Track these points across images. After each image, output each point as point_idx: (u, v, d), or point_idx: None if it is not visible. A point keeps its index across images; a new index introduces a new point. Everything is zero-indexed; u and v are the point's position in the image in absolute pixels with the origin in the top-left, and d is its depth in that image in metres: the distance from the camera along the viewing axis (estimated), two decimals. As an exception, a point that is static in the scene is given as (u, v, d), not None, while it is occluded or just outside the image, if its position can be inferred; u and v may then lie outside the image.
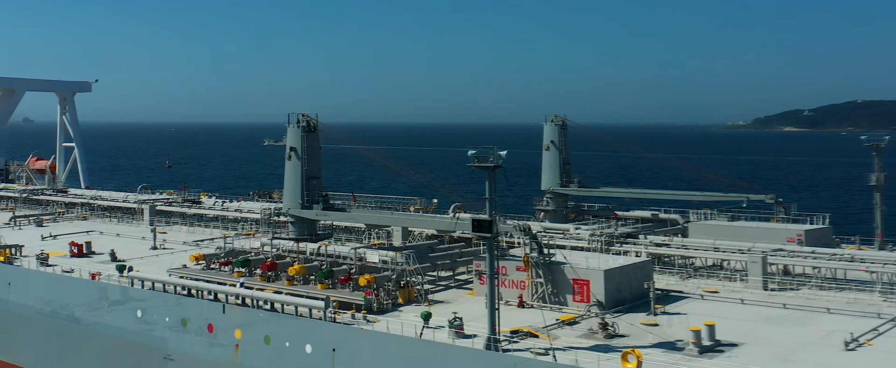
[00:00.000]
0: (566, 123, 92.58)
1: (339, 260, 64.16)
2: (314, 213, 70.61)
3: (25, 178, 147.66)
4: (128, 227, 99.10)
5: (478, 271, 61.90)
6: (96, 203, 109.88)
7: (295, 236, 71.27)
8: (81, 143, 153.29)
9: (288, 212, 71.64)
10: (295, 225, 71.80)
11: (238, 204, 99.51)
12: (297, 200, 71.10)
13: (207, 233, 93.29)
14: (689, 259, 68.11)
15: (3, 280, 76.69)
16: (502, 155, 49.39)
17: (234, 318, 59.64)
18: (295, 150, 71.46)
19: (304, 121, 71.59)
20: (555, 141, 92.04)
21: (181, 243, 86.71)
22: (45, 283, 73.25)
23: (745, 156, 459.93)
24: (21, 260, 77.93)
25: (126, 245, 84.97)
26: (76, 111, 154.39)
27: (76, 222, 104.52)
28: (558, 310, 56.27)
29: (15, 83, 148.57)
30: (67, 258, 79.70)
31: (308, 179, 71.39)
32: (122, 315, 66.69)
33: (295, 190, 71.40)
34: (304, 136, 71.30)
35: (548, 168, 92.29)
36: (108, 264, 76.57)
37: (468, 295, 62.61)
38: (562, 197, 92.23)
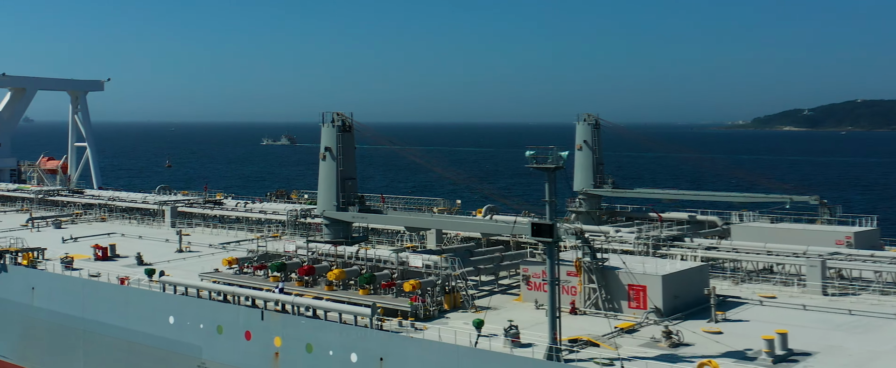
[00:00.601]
0: (599, 122, 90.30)
1: (379, 265, 61.88)
2: (350, 215, 68.15)
3: (37, 179, 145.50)
4: (149, 229, 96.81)
5: (525, 275, 59.66)
6: (115, 204, 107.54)
7: (330, 239, 68.90)
8: (94, 143, 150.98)
9: (323, 215, 69.23)
10: (329, 227, 69.39)
11: (262, 206, 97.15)
12: (333, 202, 68.66)
13: (232, 236, 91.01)
14: (739, 262, 65.86)
15: (25, 284, 74.35)
16: (563, 155, 47.15)
17: (273, 325, 57.38)
18: (329, 150, 68.95)
19: (339, 120, 69.15)
20: (588, 140, 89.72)
21: (207, 246, 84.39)
22: (70, 288, 70.91)
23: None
24: (44, 263, 75.60)
25: (150, 247, 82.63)
26: (88, 110, 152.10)
27: (95, 224, 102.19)
28: (613, 317, 54.00)
29: (26, 82, 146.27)
30: (91, 261, 77.42)
31: (343, 180, 68.91)
32: (153, 322, 64.38)
33: (330, 192, 68.92)
34: (340, 136, 68.81)
35: (580, 168, 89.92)
36: (134, 268, 74.35)
37: (515, 300, 60.35)
38: (595, 199, 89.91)
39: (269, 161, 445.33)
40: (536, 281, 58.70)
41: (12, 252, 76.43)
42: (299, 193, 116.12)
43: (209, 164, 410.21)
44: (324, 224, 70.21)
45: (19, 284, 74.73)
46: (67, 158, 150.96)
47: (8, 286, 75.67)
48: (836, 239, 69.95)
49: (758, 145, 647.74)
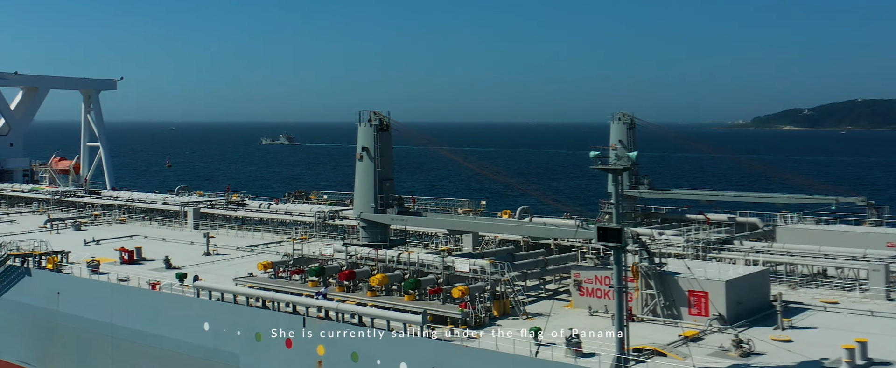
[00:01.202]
0: (634, 121, 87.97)
1: (422, 269, 59.58)
2: (389, 218, 66.00)
3: (48, 179, 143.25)
4: (172, 231, 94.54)
5: (577, 280, 57.38)
6: (134, 205, 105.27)
7: (367, 242, 66.70)
8: (107, 143, 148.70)
9: (360, 217, 67.02)
10: (367, 230, 67.18)
11: (286, 207, 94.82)
12: (370, 204, 66.49)
13: (258, 238, 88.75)
14: (794, 266, 63.59)
15: (50, 289, 72.08)
16: (632, 156, 44.87)
17: (316, 332, 55.10)
18: (367, 150, 66.81)
19: (376, 119, 66.97)
20: (623, 140, 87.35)
21: (234, 248, 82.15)
22: (98, 293, 68.63)
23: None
24: (69, 267, 73.30)
25: (176, 250, 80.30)
26: (101, 110, 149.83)
27: (115, 225, 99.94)
28: (674, 325, 51.76)
29: (39, 81, 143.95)
30: (117, 265, 75.14)
31: (381, 181, 66.78)
32: (187, 328, 62.12)
33: (367, 193, 66.78)
34: (377, 135, 66.67)
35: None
36: (163, 271, 72.12)
37: (566, 307, 58.07)
38: (630, 200, 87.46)
39: (268, 160, 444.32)
40: (589, 286, 56.45)
41: (36, 255, 74.09)
42: (318, 194, 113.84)
43: (210, 164, 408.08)
44: (360, 226, 68.09)
45: (44, 289, 72.47)
46: (80, 158, 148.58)
47: (32, 290, 73.40)
48: (887, 241, 67.66)
49: (758, 145, 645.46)
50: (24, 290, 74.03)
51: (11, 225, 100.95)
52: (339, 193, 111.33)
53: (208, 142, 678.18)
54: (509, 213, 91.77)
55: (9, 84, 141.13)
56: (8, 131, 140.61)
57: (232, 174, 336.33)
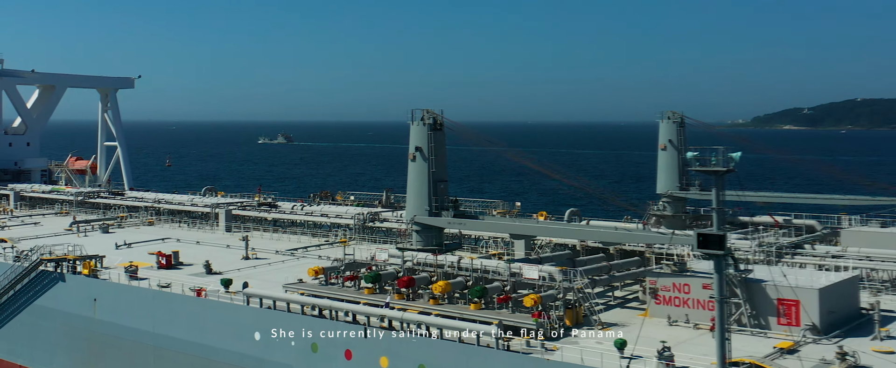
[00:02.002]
0: (684, 120, 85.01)
1: (486, 276, 56.52)
2: (445, 221, 63.02)
3: (65, 179, 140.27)
4: (204, 234, 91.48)
5: (652, 288, 54.37)
6: (162, 206, 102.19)
7: (420, 246, 63.72)
8: (125, 142, 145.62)
9: (413, 220, 64.02)
10: (421, 234, 64.19)
11: (322, 208, 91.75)
12: (425, 206, 63.49)
13: (295, 240, 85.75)
14: (873, 271, 60.62)
15: (86, 295, 69.05)
16: (735, 157, 41.90)
17: (378, 343, 52.08)
18: (420, 150, 63.84)
19: (429, 117, 64.01)
20: (672, 140, 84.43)
21: (273, 252, 79.12)
22: (138, 300, 65.58)
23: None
24: (105, 272, 70.24)
25: (213, 255, 77.34)
26: (119, 108, 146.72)
27: (143, 228, 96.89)
28: (762, 335, 48.80)
29: (56, 79, 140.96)
30: (154, 270, 72.12)
31: (435, 183, 63.80)
32: (236, 338, 59.07)
33: (421, 195, 63.79)
34: (431, 135, 63.69)
35: (664, 169, 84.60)
36: (203, 277, 69.19)
37: (640, 315, 55.08)
38: (680, 202, 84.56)
39: (267, 160, 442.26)
40: (666, 294, 53.46)
41: (70, 260, 71.05)
42: (345, 194, 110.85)
43: (211, 163, 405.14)
44: (414, 230, 65.11)
45: (79, 295, 69.46)
46: (97, 158, 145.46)
47: (67, 297, 70.39)
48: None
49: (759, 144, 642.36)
50: (58, 297, 71.01)
51: (36, 227, 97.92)
52: (366, 194, 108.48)
53: (207, 142, 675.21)
54: (546, 215, 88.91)
55: (25, 82, 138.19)
56: (25, 130, 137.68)
57: (232, 174, 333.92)
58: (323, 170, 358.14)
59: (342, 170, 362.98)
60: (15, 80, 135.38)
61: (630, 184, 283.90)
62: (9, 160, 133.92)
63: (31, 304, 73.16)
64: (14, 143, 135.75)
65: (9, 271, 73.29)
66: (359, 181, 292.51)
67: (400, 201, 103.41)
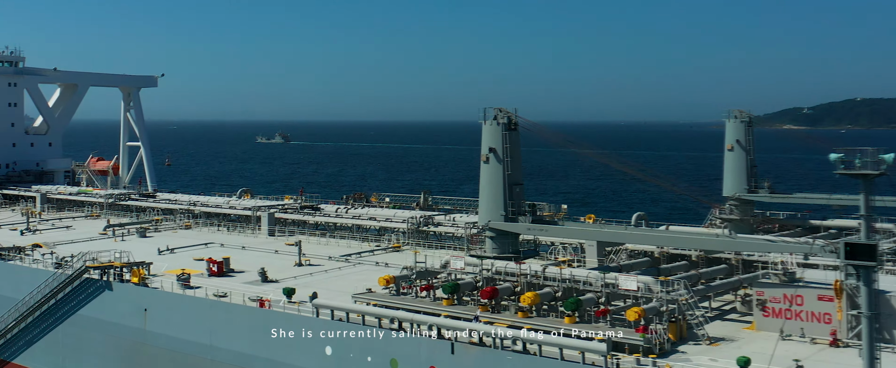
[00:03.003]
0: (752, 120, 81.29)
1: (576, 286, 52.69)
2: (524, 227, 59.20)
3: (86, 180, 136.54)
4: (246, 238, 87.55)
5: (760, 300, 50.57)
6: (199, 209, 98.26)
7: (495, 253, 59.95)
8: (148, 142, 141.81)
9: (487, 226, 60.21)
10: (495, 240, 60.38)
11: (370, 211, 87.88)
12: (500, 211, 59.68)
13: (344, 246, 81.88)
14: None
15: (136, 305, 65.23)
16: (888, 159, 38.12)
17: (467, 361, 48.38)
18: (494, 152, 60.02)
19: (503, 117, 60.21)
20: (740, 140, 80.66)
21: (326, 258, 75.29)
22: (194, 310, 61.75)
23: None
24: (156, 280, 66.39)
25: (262, 260, 73.61)
26: (141, 107, 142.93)
27: (180, 232, 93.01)
28: (890, 351, 44.99)
29: (78, 78, 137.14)
30: (205, 277, 68.29)
31: (511, 186, 60.00)
32: (306, 352, 55.27)
33: (495, 199, 59.97)
34: (506, 135, 59.90)
35: (732, 171, 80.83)
36: (259, 285, 65.39)
37: (745, 329, 51.31)
38: (748, 205, 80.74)
39: (267, 159, 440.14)
40: (776, 306, 49.67)
41: (116, 267, 67.24)
42: (379, 196, 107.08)
43: (211, 163, 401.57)
44: (487, 236, 61.31)
45: (128, 305, 65.66)
46: (119, 158, 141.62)
47: (114, 307, 66.58)
48: None
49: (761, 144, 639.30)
50: (105, 306, 67.21)
51: (68, 231, 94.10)
52: (402, 196, 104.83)
53: (206, 141, 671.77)
54: (593, 218, 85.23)
55: (47, 81, 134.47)
56: (46, 130, 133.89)
57: (234, 173, 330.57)
58: (335, 170, 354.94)
59: (348, 170, 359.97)
60: (37, 79, 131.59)
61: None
62: (31, 161, 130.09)
63: (75, 314, 69.40)
64: (36, 143, 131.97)
65: (51, 279, 69.46)
66: (366, 181, 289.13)
67: (437, 203, 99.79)
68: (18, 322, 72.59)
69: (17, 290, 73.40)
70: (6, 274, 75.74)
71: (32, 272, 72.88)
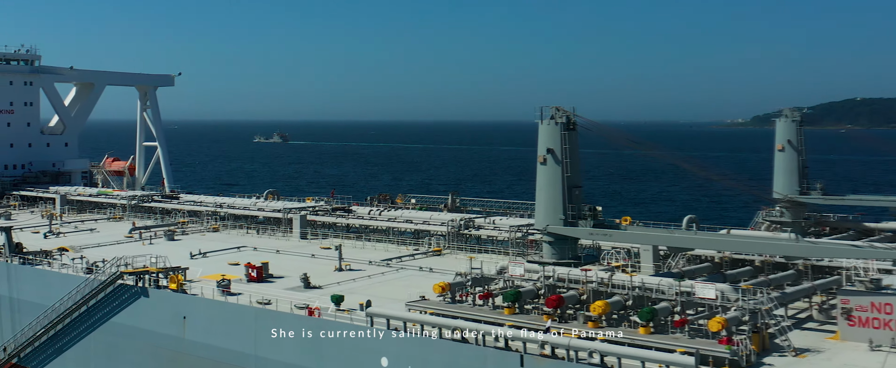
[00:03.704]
0: (804, 119, 78.64)
1: (647, 294, 49.96)
2: (586, 232, 56.48)
3: (102, 181, 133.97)
4: (278, 241, 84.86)
5: (845, 308, 47.88)
6: (226, 211, 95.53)
7: (554, 258, 57.22)
8: (165, 142, 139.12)
9: (545, 230, 57.49)
10: (554, 245, 57.66)
11: (406, 214, 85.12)
12: (559, 215, 56.95)
13: (382, 249, 79.16)
14: None
15: (174, 312, 62.52)
16: None
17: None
18: (552, 152, 57.28)
19: (562, 116, 57.48)
20: (791, 140, 78.01)
21: (367, 262, 72.62)
22: (237, 319, 59.03)
23: None
24: (192, 286, 63.64)
25: (299, 265, 71.11)
26: (158, 107, 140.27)
27: (208, 234, 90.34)
28: None
29: (94, 76, 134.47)
30: (244, 283, 65.61)
31: (570, 188, 57.29)
32: (360, 364, 52.52)
33: (554, 203, 57.22)
34: (565, 135, 57.18)
35: (782, 172, 78.12)
36: (301, 291, 62.74)
37: (829, 339, 48.63)
38: (799, 207, 78.02)
39: (267, 159, 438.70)
40: (863, 314, 46.97)
41: (153, 272, 64.52)
42: (405, 197, 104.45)
43: (211, 162, 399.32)
44: (544, 241, 58.61)
45: (166, 312, 62.95)
46: (135, 159, 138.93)
47: (151, 314, 63.86)
48: None
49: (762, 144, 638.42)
50: (141, 314, 64.50)
51: (92, 234, 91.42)
52: (428, 197, 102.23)
53: (204, 141, 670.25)
54: (629, 220, 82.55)
55: (64, 80, 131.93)
56: (63, 130, 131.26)
57: (233, 173, 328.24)
58: (334, 170, 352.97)
59: (348, 169, 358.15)
60: (53, 78, 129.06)
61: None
62: (47, 161, 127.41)
63: (108, 321, 66.72)
64: (52, 143, 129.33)
65: (82, 285, 66.77)
66: (371, 182, 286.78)
67: (465, 205, 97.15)
68: (47, 329, 69.95)
69: (46, 296, 70.84)
70: (34, 279, 73.16)
71: (62, 277, 70.30)
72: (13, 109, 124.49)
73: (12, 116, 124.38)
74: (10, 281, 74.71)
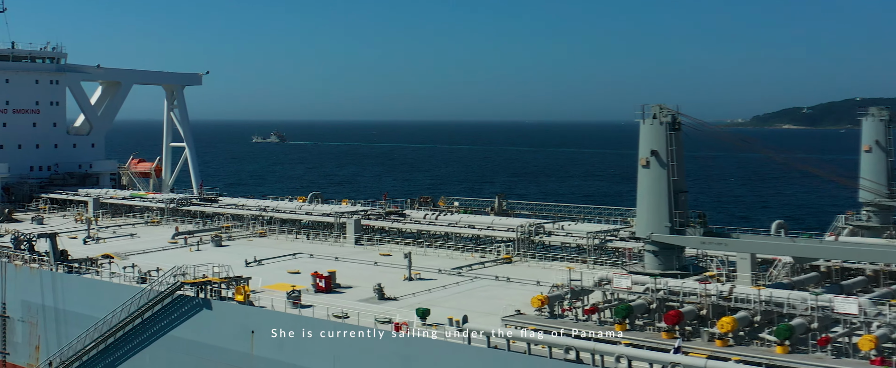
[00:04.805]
0: (893, 118, 74.37)
1: (777, 309, 45.65)
2: (697, 241, 52.18)
3: (128, 183, 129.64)
4: (332, 247, 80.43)
5: None
6: (272, 215, 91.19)
7: (660, 269, 52.96)
8: (193, 143, 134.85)
9: (649, 238, 53.21)
10: (658, 255, 53.37)
11: (468, 218, 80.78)
12: (664, 222, 52.66)
13: (445, 256, 74.86)
14: None
15: (241, 327, 58.18)
16: None
17: (671, 400, 41.37)
18: (656, 154, 52.99)
19: (666, 115, 53.19)
20: (879, 140, 73.72)
21: (436, 271, 68.35)
22: (315, 335, 54.49)
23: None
24: (260, 297, 59.25)
25: (363, 273, 67.03)
26: (186, 106, 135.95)
27: (256, 240, 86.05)
28: None
29: (121, 75, 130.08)
30: (311, 293, 61.32)
31: (676, 193, 53.00)
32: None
33: (659, 208, 52.88)
34: (670, 136, 52.91)
35: (869, 175, 73.75)
36: (375, 303, 58.49)
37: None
38: (886, 211, 73.80)
39: (266, 158, 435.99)
40: None
41: (215, 282, 60.18)
42: (447, 200, 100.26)
43: (210, 163, 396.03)
44: (646, 250, 54.31)
45: (232, 326, 58.63)
46: (161, 160, 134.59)
47: (215, 328, 59.53)
48: None
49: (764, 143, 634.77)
50: (203, 327, 60.17)
51: (133, 240, 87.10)
52: (473, 200, 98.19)
53: (203, 141, 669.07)
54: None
55: (90, 78, 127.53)
56: (89, 130, 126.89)
57: (235, 172, 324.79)
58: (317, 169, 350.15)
59: (348, 170, 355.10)
60: (79, 76, 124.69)
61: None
62: (73, 163, 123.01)
63: (166, 335, 62.41)
64: (78, 144, 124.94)
65: (138, 295, 62.45)
66: (371, 182, 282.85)
67: (513, 208, 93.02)
68: (97, 343, 65.63)
69: (95, 307, 66.59)
70: (82, 289, 68.90)
71: (114, 287, 66.03)
72: (39, 109, 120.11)
73: (38, 116, 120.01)
74: (55, 290, 70.45)
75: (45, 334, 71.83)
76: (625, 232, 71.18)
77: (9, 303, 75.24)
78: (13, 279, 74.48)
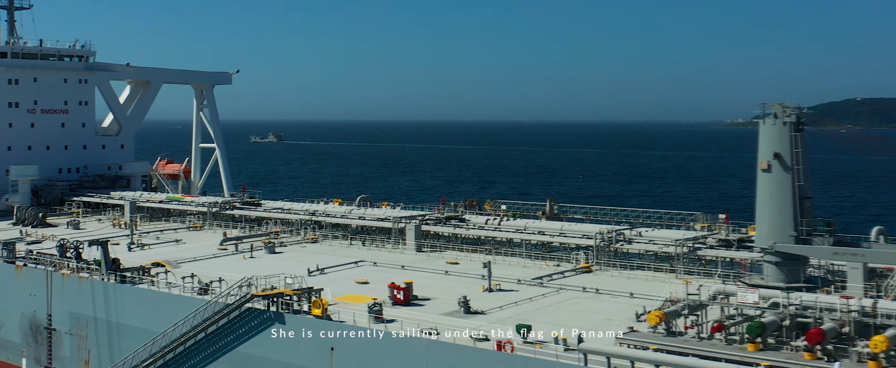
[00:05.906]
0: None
1: (930, 328, 41.37)
2: (829, 251, 47.93)
3: (156, 184, 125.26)
4: (392, 254, 76.01)
5: None
6: (324, 220, 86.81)
7: (783, 282, 48.71)
8: (223, 143, 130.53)
9: (771, 248, 48.91)
10: (781, 266, 49.11)
11: (538, 224, 76.31)
12: (788, 231, 48.39)
13: (517, 264, 70.51)
14: None
15: (319, 344, 53.79)
16: None
17: (831, 430, 37.08)
18: (779, 157, 48.78)
19: (790, 115, 48.99)
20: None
21: (515, 281, 63.98)
22: (403, 353, 50.38)
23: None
24: (339, 311, 54.91)
25: (434, 282, 62.85)
26: (216, 106, 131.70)
27: (309, 246, 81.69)
28: None
29: (151, 74, 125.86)
30: (389, 306, 56.90)
31: (801, 199, 48.76)
32: (576, 414, 43.99)
33: (782, 216, 48.71)
34: (794, 138, 48.71)
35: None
36: (460, 317, 54.11)
37: None
38: None
39: (265, 158, 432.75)
40: None
41: (289, 294, 55.86)
42: (493, 203, 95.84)
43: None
44: (766, 262, 50.01)
45: (309, 343, 54.21)
46: (190, 161, 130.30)
47: (289, 344, 55.16)
48: None
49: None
50: (275, 343, 55.82)
51: (179, 246, 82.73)
52: (523, 204, 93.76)
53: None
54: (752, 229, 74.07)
55: (119, 77, 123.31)
56: (118, 131, 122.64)
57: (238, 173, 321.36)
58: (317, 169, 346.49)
59: (349, 170, 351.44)
60: (108, 75, 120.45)
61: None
62: (102, 164, 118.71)
63: (233, 351, 58.13)
64: (107, 145, 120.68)
65: (203, 308, 58.15)
66: (373, 183, 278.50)
67: (564, 212, 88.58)
68: (156, 358, 61.26)
69: (152, 320, 62.39)
70: (138, 300, 64.67)
71: (174, 299, 61.76)
72: (67, 109, 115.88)
73: (67, 116, 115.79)
74: (107, 302, 66.19)
75: (96, 348, 67.58)
76: (712, 239, 66.93)
77: (55, 315, 70.95)
78: (60, 289, 70.20)
